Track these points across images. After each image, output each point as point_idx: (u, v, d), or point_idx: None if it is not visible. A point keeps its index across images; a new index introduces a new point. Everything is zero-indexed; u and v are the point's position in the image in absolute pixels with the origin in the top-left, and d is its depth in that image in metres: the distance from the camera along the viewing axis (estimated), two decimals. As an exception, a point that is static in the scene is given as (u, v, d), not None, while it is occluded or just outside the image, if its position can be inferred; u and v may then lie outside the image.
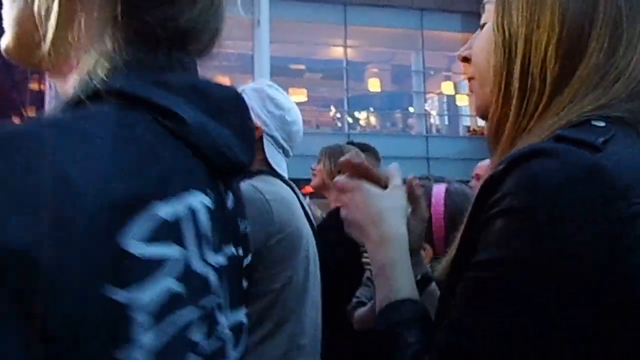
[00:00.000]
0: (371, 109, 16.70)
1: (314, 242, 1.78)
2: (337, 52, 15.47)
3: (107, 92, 0.47)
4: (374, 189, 0.78)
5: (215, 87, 0.57)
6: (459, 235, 0.66)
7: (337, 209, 0.69)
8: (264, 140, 1.63)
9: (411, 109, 16.39)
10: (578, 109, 0.63)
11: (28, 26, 0.53)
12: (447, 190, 1.60)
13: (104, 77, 0.48)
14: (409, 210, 0.82)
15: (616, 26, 0.65)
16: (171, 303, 0.44)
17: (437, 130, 16.83)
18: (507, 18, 0.69)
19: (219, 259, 0.52)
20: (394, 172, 0.82)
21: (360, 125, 16.30)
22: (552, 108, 0.65)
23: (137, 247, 0.41)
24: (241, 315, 0.59)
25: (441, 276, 0.72)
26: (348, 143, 2.95)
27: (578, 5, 0.66)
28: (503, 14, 0.70)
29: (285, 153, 1.71)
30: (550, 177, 0.55)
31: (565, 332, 0.53)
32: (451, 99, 16.92)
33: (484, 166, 2.95)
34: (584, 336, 0.53)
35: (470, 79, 0.79)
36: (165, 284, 0.43)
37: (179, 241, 0.45)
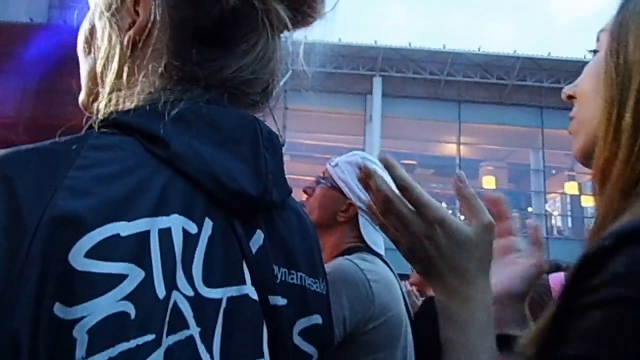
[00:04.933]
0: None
1: (411, 332, 1.59)
2: (450, 149, 15.36)
3: (105, 124, 0.51)
4: (464, 232, 0.62)
5: (230, 116, 0.56)
6: (546, 314, 0.56)
7: (433, 299, 0.61)
8: (359, 217, 1.54)
9: (530, 209, 15.54)
10: None
11: (94, 83, 0.61)
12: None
13: (113, 112, 0.53)
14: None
15: None
16: (121, 327, 0.41)
17: (559, 233, 15.71)
18: (623, 45, 0.63)
19: (210, 292, 0.49)
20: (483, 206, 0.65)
21: (474, 224, 15.71)
22: None
23: (87, 264, 0.41)
24: None
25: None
26: None
27: None
28: (619, 40, 0.64)
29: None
30: None
31: None
32: (576, 199, 15.90)
33: None
34: None
35: (572, 118, 0.73)
36: (117, 305, 0.41)
37: (139, 262, 0.44)
